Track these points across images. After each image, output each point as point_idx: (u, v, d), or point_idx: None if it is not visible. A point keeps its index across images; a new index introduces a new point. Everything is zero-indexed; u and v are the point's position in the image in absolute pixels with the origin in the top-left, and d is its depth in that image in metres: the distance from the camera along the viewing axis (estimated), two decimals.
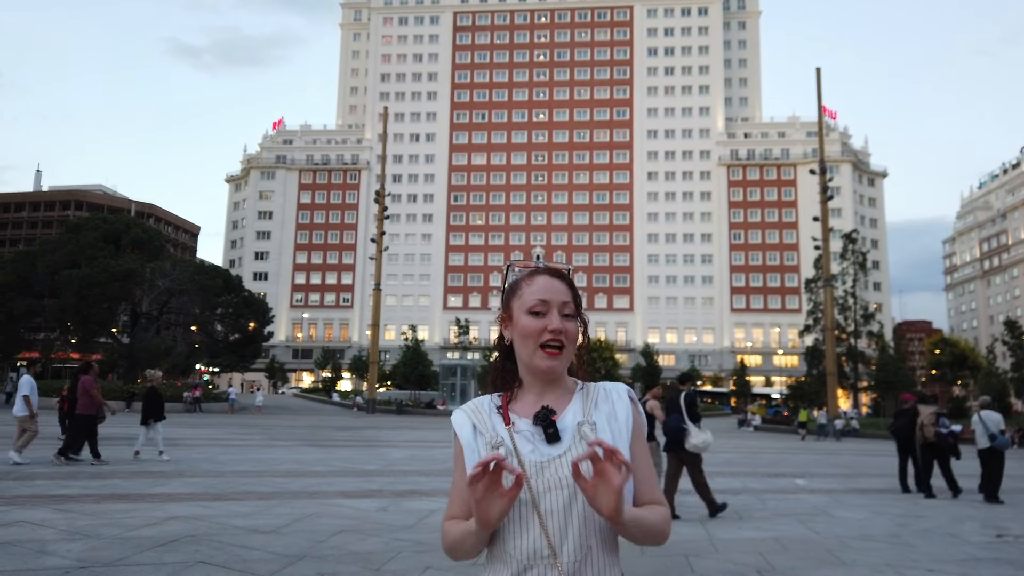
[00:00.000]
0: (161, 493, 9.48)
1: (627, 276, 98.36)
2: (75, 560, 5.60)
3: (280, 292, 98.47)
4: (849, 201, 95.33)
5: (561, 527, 1.46)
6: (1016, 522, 9.47)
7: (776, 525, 8.57)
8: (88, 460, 12.84)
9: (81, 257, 41.19)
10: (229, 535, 6.72)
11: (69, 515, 7.52)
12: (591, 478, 1.38)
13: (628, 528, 1.45)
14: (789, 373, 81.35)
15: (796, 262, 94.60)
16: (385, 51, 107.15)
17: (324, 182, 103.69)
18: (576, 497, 1.47)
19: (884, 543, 7.59)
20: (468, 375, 53.31)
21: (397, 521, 7.84)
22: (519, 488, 1.40)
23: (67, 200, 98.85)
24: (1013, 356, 61.18)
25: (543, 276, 1.62)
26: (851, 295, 55.28)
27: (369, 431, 28.08)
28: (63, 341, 48.56)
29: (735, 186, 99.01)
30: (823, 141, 42.50)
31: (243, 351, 50.42)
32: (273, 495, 9.62)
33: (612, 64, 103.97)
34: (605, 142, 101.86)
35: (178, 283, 44.32)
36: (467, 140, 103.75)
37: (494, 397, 1.65)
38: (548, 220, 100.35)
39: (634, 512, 1.46)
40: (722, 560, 6.45)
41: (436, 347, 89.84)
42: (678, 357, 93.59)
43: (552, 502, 1.47)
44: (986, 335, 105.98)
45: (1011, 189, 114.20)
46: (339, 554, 6.11)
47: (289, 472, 12.75)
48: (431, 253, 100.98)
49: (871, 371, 56.02)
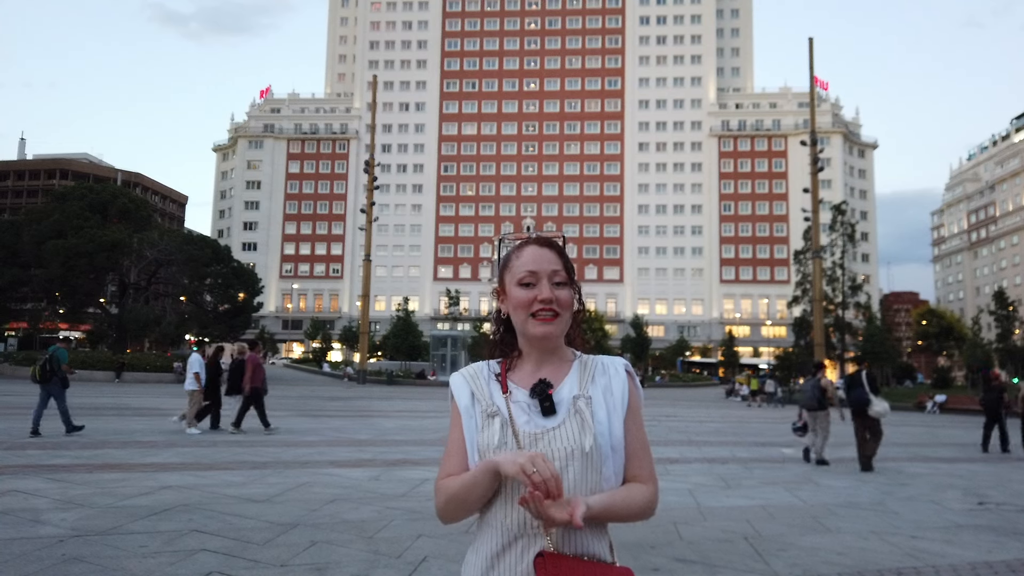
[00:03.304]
0: (154, 463, 9.51)
1: (617, 247, 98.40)
2: (69, 529, 5.63)
3: (269, 262, 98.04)
4: (839, 172, 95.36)
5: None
6: (997, 489, 9.65)
7: (763, 493, 8.70)
8: (228, 430, 13.91)
9: (67, 227, 40.81)
10: (222, 504, 6.76)
11: (62, 484, 7.54)
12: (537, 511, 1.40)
13: (600, 519, 1.49)
14: (777, 344, 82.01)
15: (786, 233, 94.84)
16: (374, 18, 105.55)
17: (313, 152, 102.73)
18: (567, 470, 1.49)
19: (869, 510, 7.73)
20: (458, 346, 53.46)
21: (389, 490, 7.92)
22: None
23: (52, 169, 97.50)
24: (999, 327, 61.81)
25: (531, 247, 1.63)
26: (839, 266, 55.51)
27: (360, 401, 28.21)
28: (51, 311, 48.32)
29: (726, 157, 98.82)
30: (815, 112, 42.36)
31: (233, 321, 50.33)
32: (266, 465, 9.67)
33: (604, 33, 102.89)
34: (596, 112, 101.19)
35: (166, 253, 44.04)
36: (457, 110, 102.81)
37: (493, 364, 1.66)
38: (538, 191, 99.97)
39: (603, 503, 1.48)
40: (710, 528, 6.56)
41: (426, 318, 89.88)
42: (667, 328, 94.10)
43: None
44: (972, 306, 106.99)
45: (1000, 161, 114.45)
46: (332, 522, 6.17)
47: (281, 442, 12.81)
48: (421, 224, 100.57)
49: (858, 342, 56.52)
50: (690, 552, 5.64)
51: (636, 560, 5.26)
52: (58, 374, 12.57)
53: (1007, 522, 7.28)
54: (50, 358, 12.57)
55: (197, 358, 14.39)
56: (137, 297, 46.71)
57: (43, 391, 12.53)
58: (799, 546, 5.94)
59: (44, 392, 12.52)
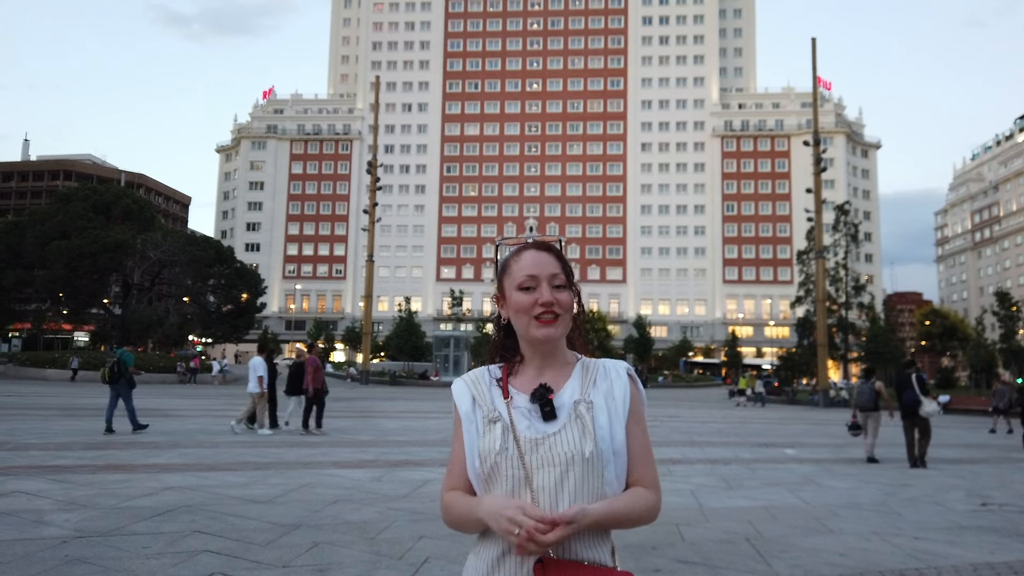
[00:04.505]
0: (156, 463, 9.54)
1: (620, 248, 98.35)
2: (72, 530, 5.64)
3: (272, 263, 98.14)
4: (842, 172, 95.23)
5: (552, 503, 1.49)
6: (1000, 491, 9.63)
7: (766, 494, 8.69)
8: (301, 432, 14.38)
9: (71, 227, 40.94)
10: (225, 505, 6.78)
11: (65, 485, 7.56)
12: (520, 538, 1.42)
13: (603, 526, 1.50)
14: (780, 344, 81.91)
15: (789, 234, 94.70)
16: (377, 19, 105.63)
17: (315, 152, 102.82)
18: (568, 475, 1.50)
19: (871, 511, 7.72)
20: (461, 346, 53.46)
21: (392, 491, 7.93)
22: None
23: (56, 170, 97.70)
24: (1003, 327, 61.61)
25: (530, 251, 1.63)
26: (843, 267, 55.45)
27: (363, 402, 28.22)
28: (54, 312, 48.41)
29: (729, 157, 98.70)
30: (817, 112, 42.33)
31: (236, 322, 50.45)
32: (268, 465, 9.69)
33: (606, 33, 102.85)
34: (599, 112, 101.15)
35: (169, 254, 44.13)
36: (460, 110, 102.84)
37: (494, 369, 1.67)
38: (541, 191, 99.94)
39: (605, 509, 1.49)
40: (712, 529, 6.55)
41: (429, 318, 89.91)
42: (670, 328, 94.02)
43: (544, 479, 1.50)
44: (976, 306, 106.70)
45: (1004, 161, 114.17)
46: (334, 523, 6.18)
47: (283, 442, 12.83)
48: (424, 224, 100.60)
49: (861, 342, 56.43)
50: (692, 553, 5.64)
51: (638, 562, 5.26)
52: (125, 375, 13.35)
53: (1010, 523, 7.27)
54: (118, 360, 13.37)
55: (260, 361, 14.67)
56: (140, 298, 46.79)
57: (112, 391, 13.30)
58: (801, 547, 5.93)
59: (113, 392, 13.30)
